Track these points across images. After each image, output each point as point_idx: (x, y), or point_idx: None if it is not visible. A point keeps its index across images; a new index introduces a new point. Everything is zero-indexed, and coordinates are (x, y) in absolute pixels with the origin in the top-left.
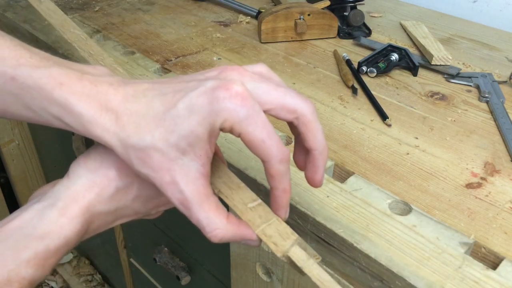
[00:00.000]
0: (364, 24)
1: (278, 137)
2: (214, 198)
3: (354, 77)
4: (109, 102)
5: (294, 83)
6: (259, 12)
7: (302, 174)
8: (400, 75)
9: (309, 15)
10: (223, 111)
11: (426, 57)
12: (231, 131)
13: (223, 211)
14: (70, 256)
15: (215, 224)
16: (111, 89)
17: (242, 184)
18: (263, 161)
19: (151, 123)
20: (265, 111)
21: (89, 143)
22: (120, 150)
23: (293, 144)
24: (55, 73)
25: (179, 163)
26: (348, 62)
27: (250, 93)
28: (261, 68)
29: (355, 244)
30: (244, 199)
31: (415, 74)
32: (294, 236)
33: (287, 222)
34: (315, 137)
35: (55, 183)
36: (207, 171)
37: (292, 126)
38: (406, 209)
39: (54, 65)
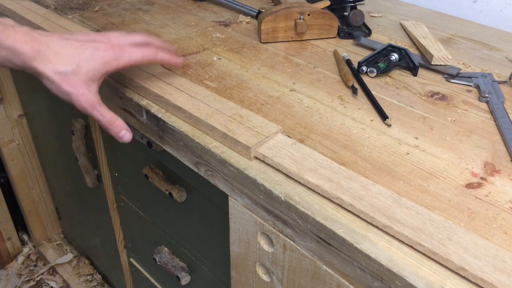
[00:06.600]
0: (364, 24)
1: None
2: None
3: (354, 77)
4: (41, 44)
5: (294, 83)
6: (259, 12)
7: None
8: (400, 75)
9: (309, 15)
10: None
11: (426, 57)
12: (116, 69)
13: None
14: (70, 256)
15: (109, 114)
16: (42, 37)
17: None
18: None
19: (71, 59)
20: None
21: (88, 143)
22: (52, 76)
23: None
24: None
25: (87, 83)
26: (348, 62)
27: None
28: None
29: (355, 244)
30: None
31: (415, 74)
32: None
33: (285, 220)
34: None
35: None
36: (97, 89)
37: None
38: None
39: None
